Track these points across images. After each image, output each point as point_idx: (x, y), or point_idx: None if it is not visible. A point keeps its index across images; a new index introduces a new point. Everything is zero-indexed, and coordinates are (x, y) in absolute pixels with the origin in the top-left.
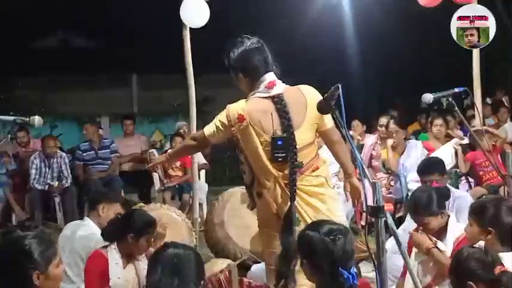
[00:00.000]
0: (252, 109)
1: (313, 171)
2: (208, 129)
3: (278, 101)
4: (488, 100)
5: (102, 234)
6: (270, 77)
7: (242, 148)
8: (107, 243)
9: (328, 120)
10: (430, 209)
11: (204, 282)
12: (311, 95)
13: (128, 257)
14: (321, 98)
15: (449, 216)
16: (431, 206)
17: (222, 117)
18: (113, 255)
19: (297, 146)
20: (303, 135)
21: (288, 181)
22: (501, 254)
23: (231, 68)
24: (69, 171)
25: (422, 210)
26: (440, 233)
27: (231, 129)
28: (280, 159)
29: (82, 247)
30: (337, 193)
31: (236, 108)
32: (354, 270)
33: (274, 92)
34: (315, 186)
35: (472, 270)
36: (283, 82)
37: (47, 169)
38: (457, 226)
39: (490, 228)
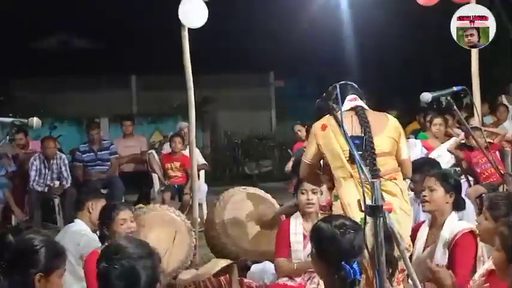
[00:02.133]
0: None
1: (390, 180)
2: (305, 155)
3: (359, 110)
4: (504, 99)
5: (99, 237)
6: (353, 96)
7: (324, 156)
8: (98, 241)
9: (404, 151)
10: (446, 180)
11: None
12: (394, 119)
13: None
14: (401, 129)
15: (452, 211)
16: (450, 180)
17: (310, 135)
18: None
19: (375, 151)
20: (380, 142)
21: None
22: None
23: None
24: (68, 172)
25: (440, 177)
26: (436, 224)
27: (315, 138)
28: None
29: (71, 244)
30: None
31: (319, 121)
32: (356, 266)
33: (356, 104)
34: (388, 192)
35: None
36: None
37: (47, 170)
38: (458, 224)
39: None
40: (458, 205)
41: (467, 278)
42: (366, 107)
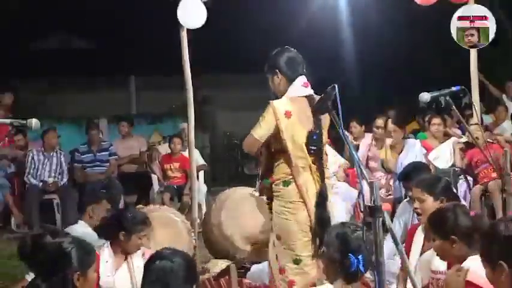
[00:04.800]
0: (296, 107)
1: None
2: (257, 131)
3: (312, 102)
4: (505, 98)
5: (96, 232)
6: (304, 78)
7: (280, 140)
8: (101, 243)
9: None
10: (432, 188)
11: (196, 286)
12: None
13: (122, 255)
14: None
15: None
16: (436, 186)
17: (268, 114)
18: (104, 254)
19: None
20: (325, 135)
21: (317, 170)
22: (470, 258)
23: (269, 67)
24: (66, 168)
25: (426, 186)
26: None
27: (276, 122)
28: (312, 152)
29: None
30: (336, 192)
31: (282, 104)
32: (362, 259)
33: (309, 92)
34: (327, 178)
35: (506, 249)
36: None
37: (46, 160)
38: None
39: (452, 237)
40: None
41: None
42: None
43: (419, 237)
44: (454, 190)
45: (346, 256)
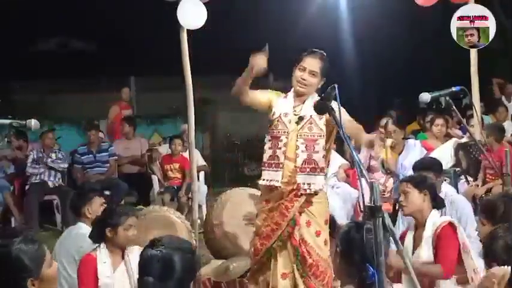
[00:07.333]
0: None
1: None
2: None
3: None
4: (504, 99)
5: (90, 237)
6: None
7: None
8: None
9: None
10: (414, 179)
11: (194, 282)
12: None
13: (119, 254)
14: None
15: (432, 209)
16: (423, 182)
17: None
18: (101, 255)
19: None
20: None
21: None
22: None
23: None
24: (65, 166)
25: (414, 181)
26: (420, 225)
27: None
28: None
29: (74, 247)
30: (336, 193)
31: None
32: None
33: None
34: None
35: (498, 252)
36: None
37: (45, 155)
38: (438, 219)
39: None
40: (437, 204)
41: (452, 269)
42: None
43: (409, 239)
44: (455, 190)
45: (363, 264)
